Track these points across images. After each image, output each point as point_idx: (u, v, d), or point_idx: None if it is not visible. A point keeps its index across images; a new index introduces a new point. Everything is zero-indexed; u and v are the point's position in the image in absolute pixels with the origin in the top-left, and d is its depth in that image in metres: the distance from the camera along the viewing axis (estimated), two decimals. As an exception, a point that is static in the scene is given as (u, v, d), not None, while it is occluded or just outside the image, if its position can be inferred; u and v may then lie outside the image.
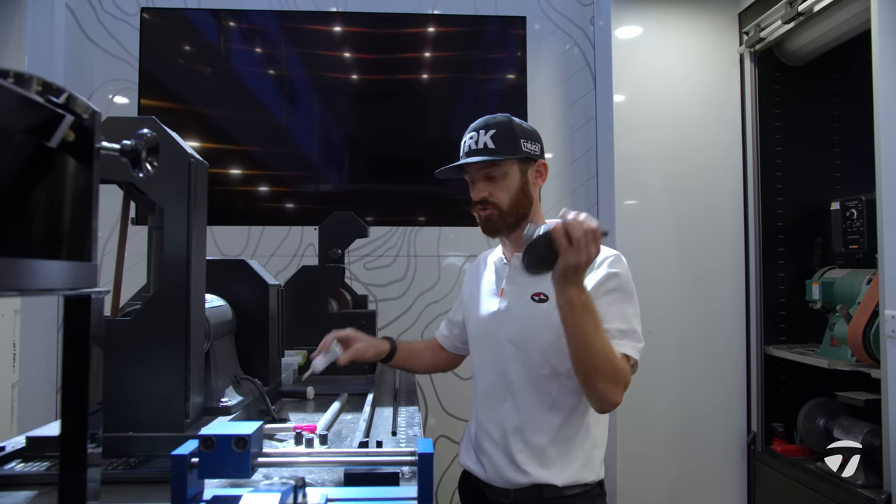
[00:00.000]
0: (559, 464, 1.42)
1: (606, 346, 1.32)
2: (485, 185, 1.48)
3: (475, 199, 1.49)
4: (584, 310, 1.29)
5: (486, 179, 1.48)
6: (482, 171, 1.47)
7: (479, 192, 1.48)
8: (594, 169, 2.97)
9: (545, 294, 1.44)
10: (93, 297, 0.70)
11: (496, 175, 1.47)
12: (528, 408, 1.44)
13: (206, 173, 1.22)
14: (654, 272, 2.98)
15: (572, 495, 1.42)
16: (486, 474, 1.47)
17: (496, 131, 1.47)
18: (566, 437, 1.44)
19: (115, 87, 2.89)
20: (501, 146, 1.46)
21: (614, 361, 1.33)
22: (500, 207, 1.47)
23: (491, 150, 1.45)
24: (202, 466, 0.79)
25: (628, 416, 2.86)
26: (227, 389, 1.30)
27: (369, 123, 3.11)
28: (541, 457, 1.42)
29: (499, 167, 1.47)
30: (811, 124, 2.96)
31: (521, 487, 1.42)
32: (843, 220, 2.57)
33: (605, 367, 1.30)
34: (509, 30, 3.09)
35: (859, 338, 2.22)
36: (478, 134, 1.48)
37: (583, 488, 1.44)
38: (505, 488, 1.44)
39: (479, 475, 1.49)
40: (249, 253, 2.91)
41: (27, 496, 0.92)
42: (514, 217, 1.48)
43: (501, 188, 1.47)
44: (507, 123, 1.49)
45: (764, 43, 2.86)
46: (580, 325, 1.29)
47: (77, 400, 0.70)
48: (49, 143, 0.67)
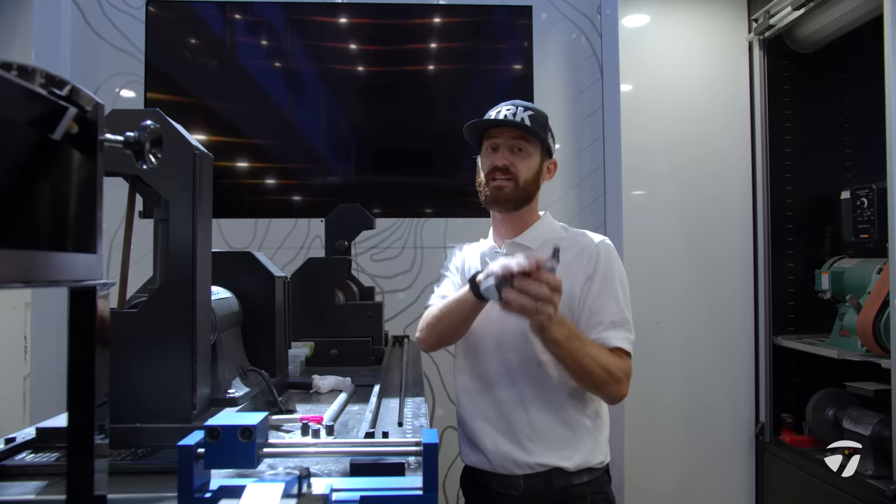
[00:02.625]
0: (569, 447, 1.43)
1: (601, 359, 1.37)
2: (509, 155, 1.49)
3: (497, 165, 1.49)
4: (570, 340, 1.34)
5: (512, 151, 1.50)
6: (512, 140, 1.49)
7: (503, 158, 1.49)
8: (601, 159, 2.95)
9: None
10: (98, 289, 0.70)
11: (523, 148, 1.50)
12: (532, 393, 1.45)
13: (210, 165, 1.22)
14: (661, 262, 2.96)
15: (580, 483, 1.43)
16: (492, 465, 1.47)
17: (534, 114, 1.51)
18: (572, 419, 1.45)
19: (122, 81, 2.90)
20: (538, 127, 1.50)
21: (610, 364, 1.37)
22: (518, 181, 1.49)
23: (528, 126, 1.48)
24: (208, 457, 0.80)
25: (636, 406, 2.85)
26: (234, 381, 1.31)
27: (375, 115, 3.10)
28: (549, 440, 1.43)
29: (528, 142, 1.50)
30: (821, 112, 2.94)
31: (530, 475, 1.42)
32: (854, 209, 2.55)
33: (604, 377, 1.37)
34: (516, 19, 3.06)
35: (869, 328, 2.21)
36: (516, 108, 1.50)
37: (591, 474, 1.45)
38: (513, 477, 1.44)
39: (485, 467, 1.48)
40: (256, 245, 2.92)
41: (37, 486, 0.92)
42: (524, 195, 1.50)
43: (524, 163, 1.50)
44: (545, 115, 1.54)
45: (773, 30, 2.83)
46: (572, 356, 1.34)
47: (83, 391, 0.70)
48: (53, 135, 0.67)
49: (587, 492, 1.44)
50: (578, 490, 1.43)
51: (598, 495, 1.46)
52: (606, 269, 1.45)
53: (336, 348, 2.08)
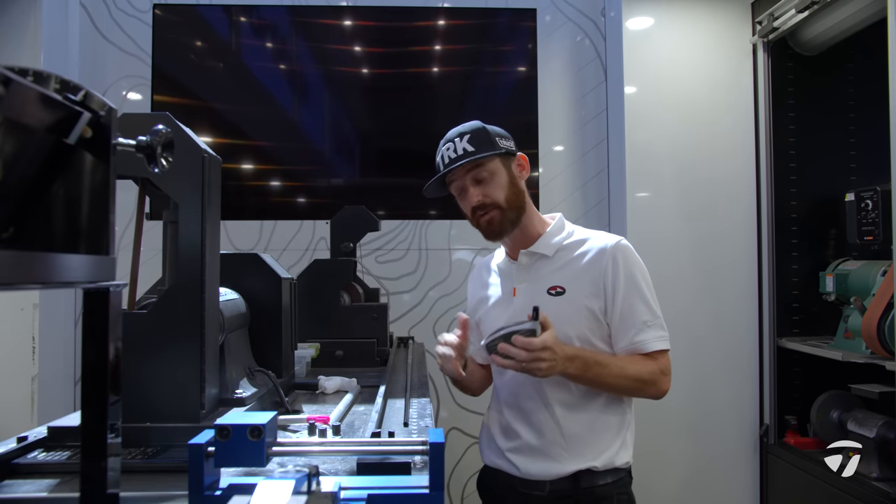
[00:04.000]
0: (596, 448, 1.43)
1: (628, 372, 1.40)
2: (476, 190, 1.46)
3: (472, 206, 1.46)
4: (588, 369, 1.37)
5: (476, 183, 1.46)
6: (469, 175, 1.46)
7: (473, 197, 1.46)
8: (605, 161, 2.96)
9: (561, 287, 1.45)
10: (111, 290, 0.72)
11: (484, 176, 1.46)
12: (559, 402, 1.44)
13: (219, 168, 1.23)
14: (665, 264, 2.97)
15: (604, 484, 1.44)
16: (519, 471, 1.46)
17: (471, 135, 1.46)
18: (603, 424, 1.45)
19: (129, 84, 2.92)
20: (481, 146, 1.45)
21: (641, 373, 1.41)
22: (500, 205, 1.45)
23: (471, 152, 1.44)
24: (218, 455, 0.81)
25: (641, 407, 2.85)
26: (242, 381, 1.32)
27: (380, 117, 3.12)
28: (578, 444, 1.43)
29: (484, 167, 1.45)
30: (825, 114, 2.94)
31: (557, 478, 1.42)
32: (858, 211, 2.55)
33: (637, 386, 1.42)
34: (520, 22, 3.08)
35: (874, 330, 2.21)
36: (453, 143, 1.46)
37: (615, 475, 1.45)
38: (540, 480, 1.44)
39: (511, 472, 1.47)
40: (262, 247, 2.94)
41: (49, 484, 0.94)
42: (515, 213, 1.47)
43: (494, 186, 1.46)
44: (480, 127, 1.49)
45: (777, 32, 2.83)
46: (597, 381, 1.39)
47: (96, 391, 0.72)
48: (67, 139, 0.69)
49: (613, 492, 1.44)
50: (604, 490, 1.43)
51: (623, 496, 1.46)
52: (627, 271, 1.44)
53: (341, 349, 2.09)
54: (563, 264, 1.48)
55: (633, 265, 1.46)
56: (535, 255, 1.51)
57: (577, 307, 1.44)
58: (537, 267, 1.51)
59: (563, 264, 1.48)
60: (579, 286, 1.44)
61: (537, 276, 1.49)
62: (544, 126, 3.01)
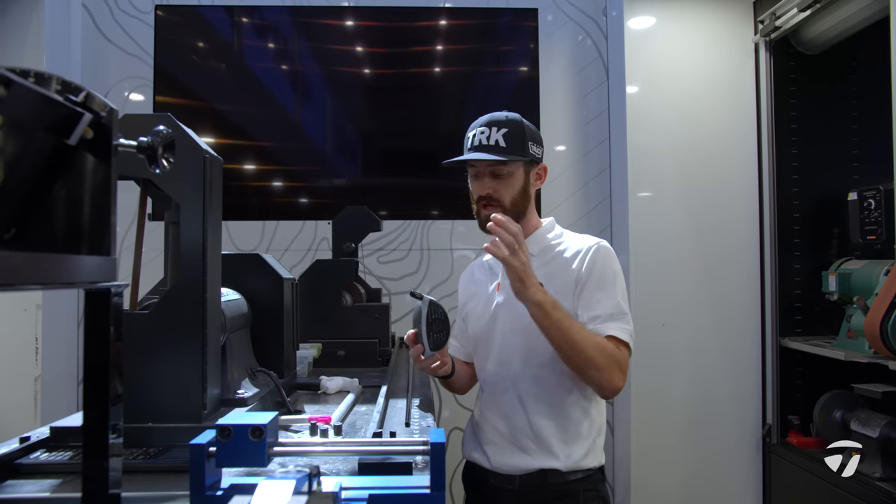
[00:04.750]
0: (564, 451, 1.45)
1: (591, 337, 1.37)
2: (490, 182, 1.49)
3: (479, 194, 1.50)
4: (556, 308, 1.35)
5: (492, 176, 1.49)
6: (490, 168, 1.48)
7: (484, 187, 1.49)
8: (607, 161, 2.95)
9: (540, 283, 1.46)
10: (112, 290, 0.72)
11: (503, 174, 1.48)
12: (531, 396, 1.47)
13: (220, 169, 1.23)
14: (668, 264, 2.96)
15: (575, 480, 1.46)
16: (490, 463, 1.50)
17: (508, 130, 1.47)
18: (570, 424, 1.47)
19: (131, 85, 2.93)
20: (512, 146, 1.47)
21: (605, 348, 1.37)
22: (504, 205, 1.49)
23: (502, 148, 1.46)
24: (220, 455, 0.81)
25: (642, 407, 2.85)
26: (244, 381, 1.32)
27: (382, 117, 3.12)
28: (546, 444, 1.45)
29: (506, 167, 1.48)
30: (828, 114, 2.93)
31: (526, 473, 1.45)
32: (861, 211, 2.54)
33: (596, 356, 1.35)
34: (521, 22, 3.07)
35: (877, 329, 2.20)
36: (489, 130, 1.48)
37: (585, 473, 1.47)
38: (510, 474, 1.47)
39: (484, 464, 1.52)
40: (264, 247, 2.94)
41: (52, 484, 0.94)
42: (514, 215, 1.49)
43: (506, 186, 1.49)
44: (520, 123, 1.50)
45: (779, 31, 2.83)
46: (557, 323, 1.34)
47: (98, 391, 0.72)
48: (69, 140, 0.69)
49: (580, 488, 1.46)
50: (572, 487, 1.46)
51: (591, 492, 1.48)
52: (601, 269, 1.45)
53: (343, 349, 2.10)
54: (544, 262, 1.51)
55: (607, 264, 1.46)
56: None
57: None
58: None
59: (543, 262, 1.51)
60: (557, 283, 1.46)
61: None
62: (546, 126, 3.01)
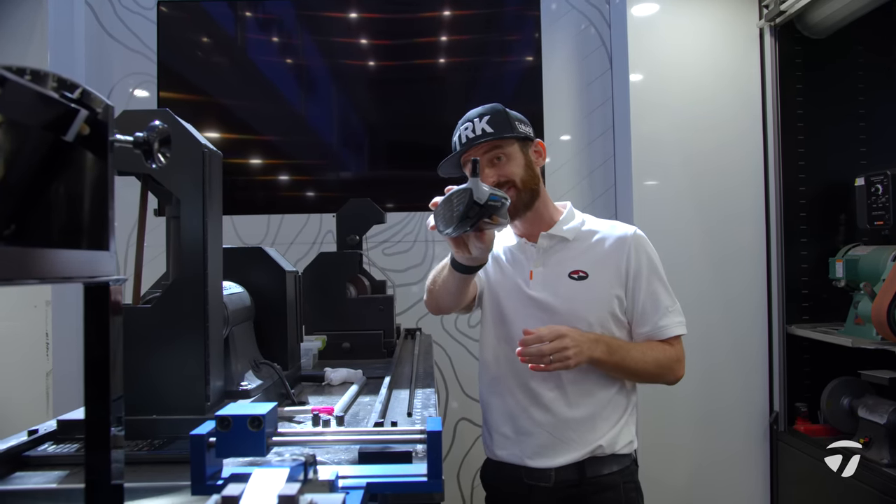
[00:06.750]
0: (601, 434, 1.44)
1: (648, 355, 1.43)
2: (492, 171, 1.47)
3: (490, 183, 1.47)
4: (612, 353, 1.39)
5: (492, 165, 1.47)
6: (487, 156, 1.47)
7: (489, 178, 1.46)
8: (611, 150, 2.94)
9: (584, 271, 1.46)
10: (111, 285, 0.73)
11: (501, 157, 1.47)
12: (576, 388, 1.45)
13: (220, 162, 1.24)
14: (673, 252, 2.94)
15: (611, 473, 1.45)
16: (525, 459, 1.46)
17: (490, 116, 1.47)
18: (612, 411, 1.47)
19: (135, 81, 2.94)
20: (500, 128, 1.46)
21: (659, 359, 1.44)
22: (516, 183, 1.46)
23: (490, 133, 1.45)
24: (219, 446, 0.83)
25: (650, 395, 2.84)
26: (247, 374, 1.34)
27: (387, 110, 3.12)
28: (584, 430, 1.43)
29: (502, 149, 1.47)
30: (834, 98, 2.90)
31: (562, 466, 1.43)
32: (868, 196, 2.52)
33: (657, 370, 1.44)
34: (525, 11, 3.06)
35: (884, 315, 2.19)
36: (472, 123, 1.47)
37: (620, 463, 1.47)
38: (546, 469, 1.44)
39: (515, 461, 1.47)
40: (269, 241, 2.96)
41: (59, 475, 0.96)
42: (529, 194, 1.48)
43: (509, 166, 1.47)
44: (500, 108, 1.49)
45: (784, 16, 2.79)
46: (620, 365, 1.41)
47: (99, 384, 0.73)
48: (65, 137, 0.70)
49: (619, 481, 1.45)
50: (610, 479, 1.44)
51: (630, 484, 1.48)
52: (649, 258, 1.50)
53: (348, 341, 2.11)
54: (584, 249, 1.50)
55: (652, 254, 1.51)
56: (555, 238, 1.52)
57: (599, 292, 1.46)
58: (556, 250, 1.51)
59: (583, 249, 1.50)
60: (602, 271, 1.46)
61: (557, 260, 1.50)
62: (550, 115, 3.00)
